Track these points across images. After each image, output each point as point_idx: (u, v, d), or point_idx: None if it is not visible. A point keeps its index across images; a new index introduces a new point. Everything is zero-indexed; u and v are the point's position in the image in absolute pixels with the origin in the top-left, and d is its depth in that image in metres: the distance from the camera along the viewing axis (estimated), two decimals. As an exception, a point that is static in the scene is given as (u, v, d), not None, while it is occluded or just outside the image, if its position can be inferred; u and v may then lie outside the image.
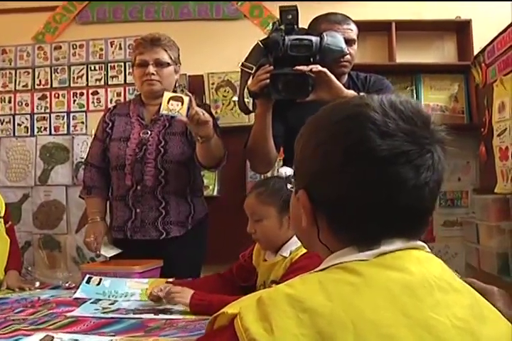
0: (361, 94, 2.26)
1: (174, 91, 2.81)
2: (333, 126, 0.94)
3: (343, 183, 0.90)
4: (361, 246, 0.90)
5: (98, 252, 2.79)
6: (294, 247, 1.96)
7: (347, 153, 0.90)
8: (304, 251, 1.90)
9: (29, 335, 1.70)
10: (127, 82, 4.25)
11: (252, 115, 2.57)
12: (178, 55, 2.88)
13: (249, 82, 2.43)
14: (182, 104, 2.42)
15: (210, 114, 2.62)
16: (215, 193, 3.92)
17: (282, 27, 2.33)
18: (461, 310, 0.85)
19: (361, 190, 0.89)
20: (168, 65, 2.81)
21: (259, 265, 2.13)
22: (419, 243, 0.95)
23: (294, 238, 1.93)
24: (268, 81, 2.29)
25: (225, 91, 4.06)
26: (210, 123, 2.46)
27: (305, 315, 0.78)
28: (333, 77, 2.30)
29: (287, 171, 1.76)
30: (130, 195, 2.78)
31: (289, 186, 1.08)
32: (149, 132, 2.80)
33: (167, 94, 2.46)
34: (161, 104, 2.45)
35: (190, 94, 2.46)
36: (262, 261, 2.11)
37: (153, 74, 2.76)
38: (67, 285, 2.66)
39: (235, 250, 2.34)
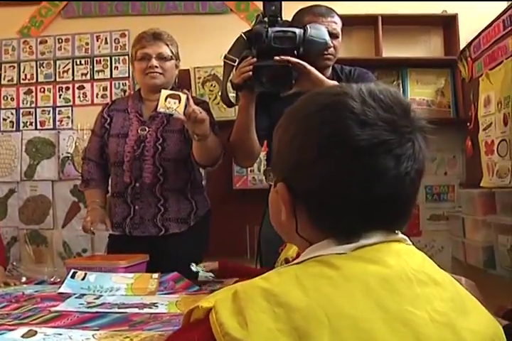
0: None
1: (173, 87, 2.81)
2: (310, 116, 0.93)
3: (321, 174, 0.89)
4: (340, 239, 0.89)
5: (93, 230, 2.77)
6: None
7: (325, 143, 0.88)
8: None
9: (13, 330, 1.68)
10: (113, 76, 4.24)
11: (237, 109, 2.56)
12: (178, 51, 2.87)
13: (232, 74, 2.42)
14: (179, 101, 2.41)
15: (209, 112, 2.61)
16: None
17: (266, 19, 2.32)
18: (441, 304, 0.84)
19: (340, 181, 0.88)
20: (171, 58, 2.82)
21: (287, 246, 2.13)
22: (400, 236, 0.94)
23: None
24: (251, 73, 2.27)
25: (211, 85, 4.05)
26: (206, 122, 2.45)
27: (280, 309, 0.77)
28: (312, 68, 2.29)
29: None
30: (129, 191, 2.78)
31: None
32: (147, 129, 2.79)
33: (164, 92, 2.45)
34: (159, 101, 2.44)
35: (187, 92, 2.46)
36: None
37: (156, 67, 2.76)
38: (52, 280, 2.65)
39: (222, 242, 2.34)
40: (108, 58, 4.26)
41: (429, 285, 0.86)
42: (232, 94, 2.52)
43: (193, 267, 2.27)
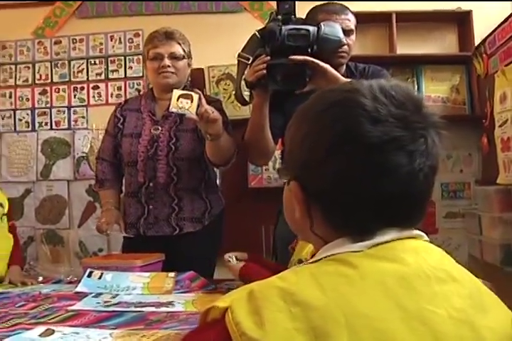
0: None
1: (186, 86, 2.81)
2: (321, 114, 0.92)
3: (333, 172, 0.88)
4: (354, 237, 0.89)
5: (108, 233, 2.79)
6: None
7: (336, 141, 0.88)
8: None
9: (30, 329, 1.70)
10: (127, 76, 4.25)
11: (251, 107, 2.56)
12: (190, 50, 2.87)
13: (246, 72, 2.42)
14: (191, 101, 2.41)
15: (222, 111, 2.61)
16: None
17: (279, 17, 2.31)
18: (459, 301, 0.83)
19: (352, 179, 0.87)
20: (183, 58, 2.82)
21: (299, 245, 2.11)
22: (416, 232, 0.93)
23: None
24: (265, 71, 2.27)
25: (225, 84, 4.06)
26: (219, 122, 2.45)
27: (297, 308, 0.76)
28: (327, 66, 2.28)
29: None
30: (142, 191, 2.78)
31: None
32: (160, 128, 2.79)
33: (176, 92, 2.44)
34: (171, 101, 2.44)
35: (199, 92, 2.45)
36: (301, 241, 2.11)
37: (168, 66, 2.76)
38: (68, 279, 2.67)
39: (237, 241, 2.33)
40: (122, 58, 4.27)
41: (447, 282, 0.85)
42: (246, 93, 2.52)
43: (231, 259, 2.27)
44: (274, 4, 3.76)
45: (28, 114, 4.37)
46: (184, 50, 2.82)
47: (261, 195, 3.86)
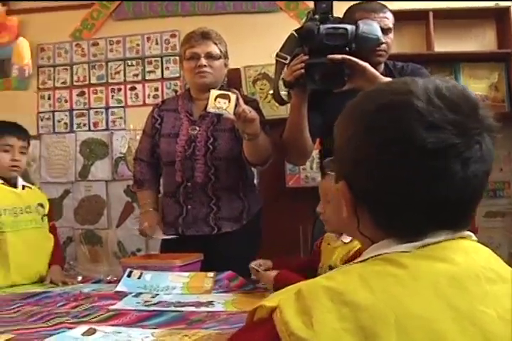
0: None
1: (222, 86, 2.81)
2: (372, 115, 0.90)
3: (382, 174, 0.87)
4: (403, 237, 0.87)
5: (152, 236, 2.82)
6: None
7: (387, 144, 0.86)
8: None
9: (72, 328, 1.71)
10: (164, 76, 4.28)
11: (289, 107, 2.55)
12: (226, 50, 2.88)
13: (284, 72, 2.41)
14: (229, 101, 2.41)
15: (259, 110, 2.61)
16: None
17: (317, 16, 2.30)
18: (508, 301, 0.82)
19: (401, 181, 0.86)
20: (219, 57, 2.82)
21: (324, 248, 2.11)
22: (465, 232, 0.91)
23: None
24: (303, 71, 2.26)
25: (262, 84, 4.06)
26: (257, 121, 2.45)
27: (346, 308, 0.75)
28: (366, 65, 2.26)
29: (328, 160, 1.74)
30: (180, 191, 2.79)
31: (329, 174, 1.05)
32: (198, 128, 2.80)
33: (214, 92, 2.44)
34: (208, 101, 2.45)
35: (237, 92, 2.46)
36: (326, 244, 2.10)
37: (205, 66, 2.77)
38: (108, 279, 2.69)
39: (275, 241, 2.33)
40: (159, 59, 4.29)
41: (496, 282, 0.84)
42: (283, 92, 2.51)
43: (259, 268, 2.25)
44: (310, 4, 3.76)
45: (66, 116, 4.43)
46: (220, 50, 2.83)
47: (298, 194, 3.85)
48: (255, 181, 3.19)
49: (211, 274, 2.37)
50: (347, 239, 1.94)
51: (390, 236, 0.89)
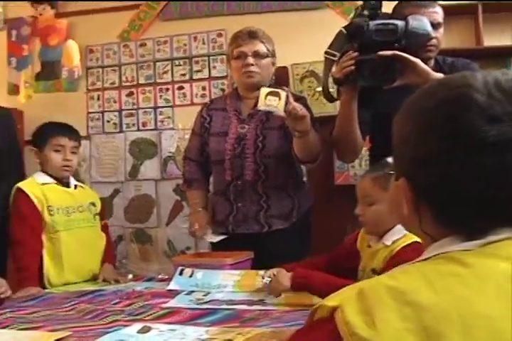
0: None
1: (271, 84, 2.81)
2: (432, 110, 0.88)
3: (443, 171, 0.85)
4: (465, 235, 0.86)
5: (204, 238, 2.83)
6: (398, 236, 1.88)
7: (448, 140, 0.84)
8: (408, 241, 1.84)
9: (128, 326, 1.73)
10: (211, 76, 4.30)
11: (337, 104, 2.54)
12: (274, 49, 2.88)
13: (333, 69, 2.40)
14: (279, 99, 2.41)
15: (308, 107, 2.60)
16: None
17: (365, 12, 2.28)
18: None
19: (463, 178, 0.84)
20: (266, 56, 2.82)
21: (363, 250, 2.09)
22: None
23: (399, 226, 1.88)
24: (353, 67, 2.25)
25: (309, 81, 4.05)
26: (307, 118, 2.44)
27: (408, 308, 0.74)
28: (417, 60, 2.24)
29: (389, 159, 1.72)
30: (230, 189, 2.80)
31: (389, 171, 1.04)
32: (247, 127, 2.81)
33: (264, 90, 2.45)
34: (257, 98, 2.45)
35: (287, 89, 2.46)
36: (365, 246, 2.07)
37: (252, 65, 2.77)
38: (160, 277, 2.71)
39: (324, 240, 2.31)
40: (206, 58, 4.31)
41: None
42: (332, 89, 2.50)
43: (265, 279, 2.20)
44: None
45: (115, 116, 4.49)
46: (267, 49, 2.82)
47: (346, 192, 3.81)
48: (304, 179, 3.17)
49: (262, 272, 2.36)
50: (389, 241, 1.92)
51: (452, 234, 0.88)
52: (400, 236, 1.88)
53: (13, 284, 2.36)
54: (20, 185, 2.69)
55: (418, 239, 1.76)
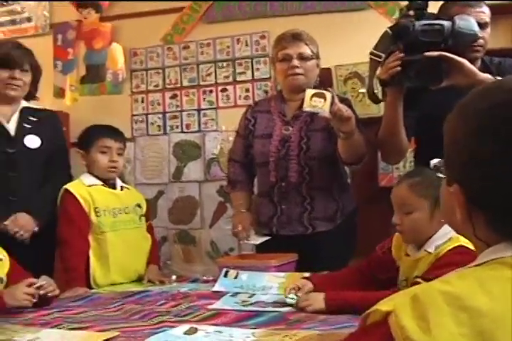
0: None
1: (315, 86, 2.81)
2: (486, 112, 0.86)
3: (498, 176, 0.83)
4: None
5: (247, 241, 2.84)
6: (440, 242, 1.85)
7: (503, 143, 0.83)
8: (452, 246, 1.81)
9: (174, 327, 1.75)
10: (255, 77, 4.29)
11: (381, 106, 2.52)
12: (318, 50, 2.88)
13: (378, 70, 2.38)
14: (325, 100, 2.41)
15: (352, 109, 2.60)
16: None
17: (411, 12, 2.26)
18: None
19: None
20: (311, 58, 2.82)
21: (400, 259, 2.04)
22: None
23: (440, 232, 1.85)
24: (399, 68, 2.23)
25: (353, 83, 4.02)
26: (352, 120, 2.45)
27: (464, 314, 0.74)
28: (464, 61, 2.21)
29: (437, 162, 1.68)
30: (275, 191, 2.80)
31: (439, 175, 1.03)
32: (291, 129, 2.81)
33: (310, 91, 2.46)
34: (302, 100, 2.46)
35: (332, 90, 2.46)
36: (403, 255, 2.02)
37: (297, 67, 2.78)
38: (205, 278, 2.73)
39: (368, 243, 2.29)
40: (249, 60, 4.31)
41: None
42: (377, 91, 2.49)
43: (289, 298, 2.09)
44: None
45: (159, 118, 4.52)
46: (312, 51, 2.82)
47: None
48: (348, 180, 3.16)
49: (307, 274, 2.36)
50: (431, 248, 1.88)
51: (507, 240, 0.86)
52: (443, 241, 1.85)
53: (60, 284, 2.39)
54: (67, 186, 2.73)
55: (463, 243, 1.74)
